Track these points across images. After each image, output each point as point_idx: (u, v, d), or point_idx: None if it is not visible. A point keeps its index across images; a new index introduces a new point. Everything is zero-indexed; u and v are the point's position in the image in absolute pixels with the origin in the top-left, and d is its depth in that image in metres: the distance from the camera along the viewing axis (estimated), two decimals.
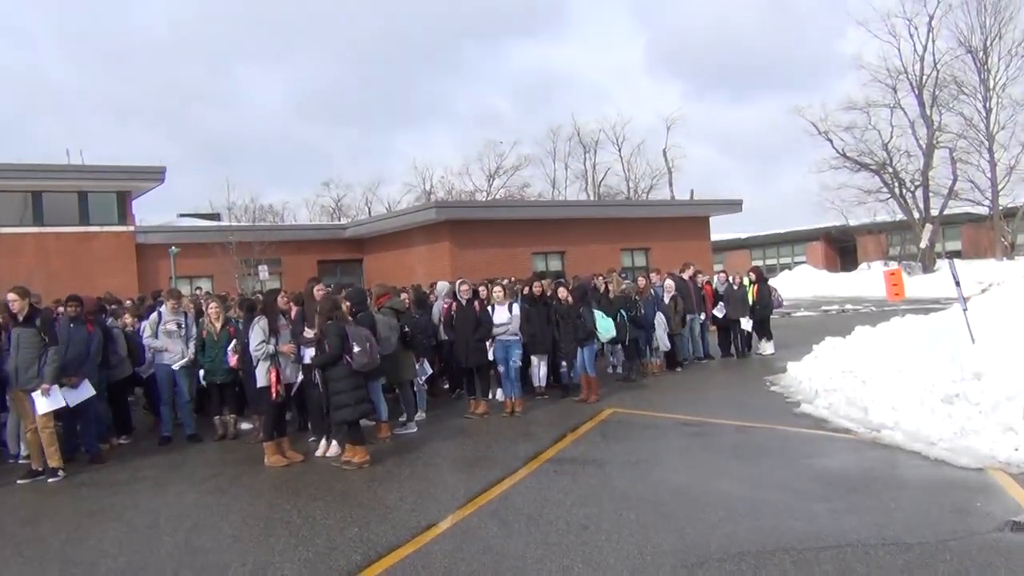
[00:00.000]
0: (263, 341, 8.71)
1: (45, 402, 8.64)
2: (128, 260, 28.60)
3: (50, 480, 8.61)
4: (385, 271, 29.14)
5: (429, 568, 5.38)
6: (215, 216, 40.22)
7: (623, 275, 16.26)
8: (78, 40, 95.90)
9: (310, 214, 65.30)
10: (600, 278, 14.54)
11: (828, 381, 10.45)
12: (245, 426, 10.78)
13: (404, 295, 11.61)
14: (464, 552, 5.63)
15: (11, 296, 8.86)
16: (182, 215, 38.98)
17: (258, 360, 8.77)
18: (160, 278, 28.65)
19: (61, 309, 10.26)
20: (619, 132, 63.76)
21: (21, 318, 8.72)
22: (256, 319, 8.83)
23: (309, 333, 9.05)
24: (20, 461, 9.42)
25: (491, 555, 5.55)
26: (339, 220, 54.66)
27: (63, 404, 8.87)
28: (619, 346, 13.76)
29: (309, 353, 9.03)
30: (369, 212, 61.79)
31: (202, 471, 8.79)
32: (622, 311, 12.86)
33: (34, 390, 8.61)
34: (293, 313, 9.69)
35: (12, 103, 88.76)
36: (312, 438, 9.71)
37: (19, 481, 8.66)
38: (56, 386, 8.74)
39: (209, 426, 10.80)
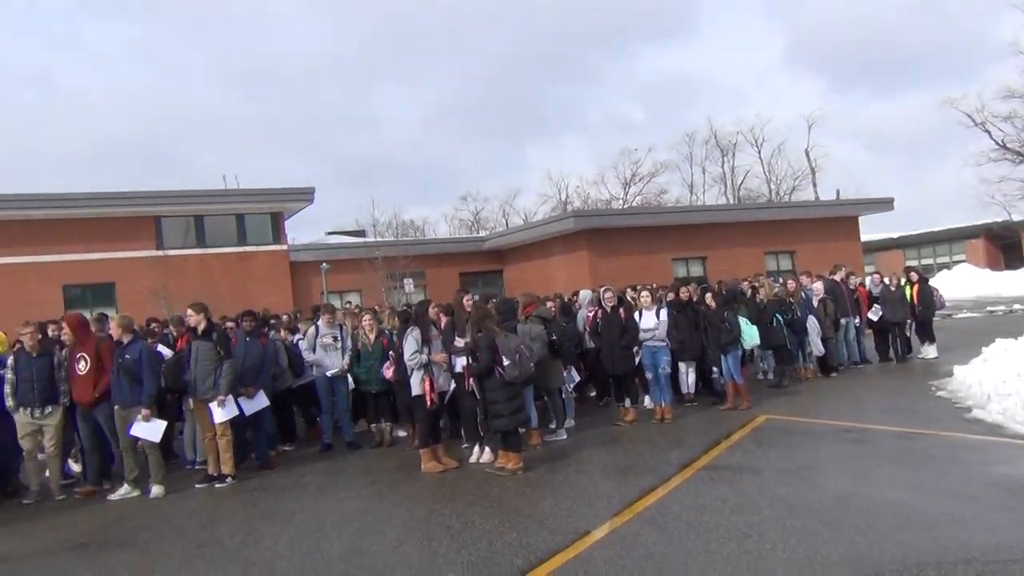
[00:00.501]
0: (416, 351, 8.96)
1: (221, 412, 9.20)
2: (283, 277, 30.04)
3: (217, 485, 9.17)
4: (525, 281, 29.45)
5: (591, 574, 5.38)
6: (360, 233, 41.75)
7: (772, 279, 15.83)
8: (227, 69, 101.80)
9: (449, 228, 67.00)
10: (747, 282, 14.19)
11: (1001, 385, 9.81)
12: (400, 434, 11.11)
13: (550, 304, 11.68)
14: (625, 559, 5.59)
15: (189, 312, 9.54)
16: (330, 232, 40.64)
17: (412, 370, 9.04)
18: (312, 293, 29.99)
19: (230, 324, 10.90)
20: (758, 133, 62.48)
21: (200, 332, 9.32)
22: (409, 330, 9.10)
23: (460, 342, 9.25)
24: (196, 467, 10.07)
25: (653, 562, 5.49)
26: (477, 233, 55.72)
27: (238, 413, 9.41)
28: (769, 352, 13.39)
29: (460, 362, 9.22)
30: (506, 224, 62.69)
31: (362, 477, 9.11)
32: (777, 315, 12.52)
33: (211, 401, 9.18)
34: (443, 323, 9.91)
35: (171, 133, 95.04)
36: (465, 445, 9.90)
37: (197, 485, 9.23)
38: (231, 396, 9.28)
39: (366, 434, 11.19)
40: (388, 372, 10.37)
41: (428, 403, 8.94)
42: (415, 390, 9.02)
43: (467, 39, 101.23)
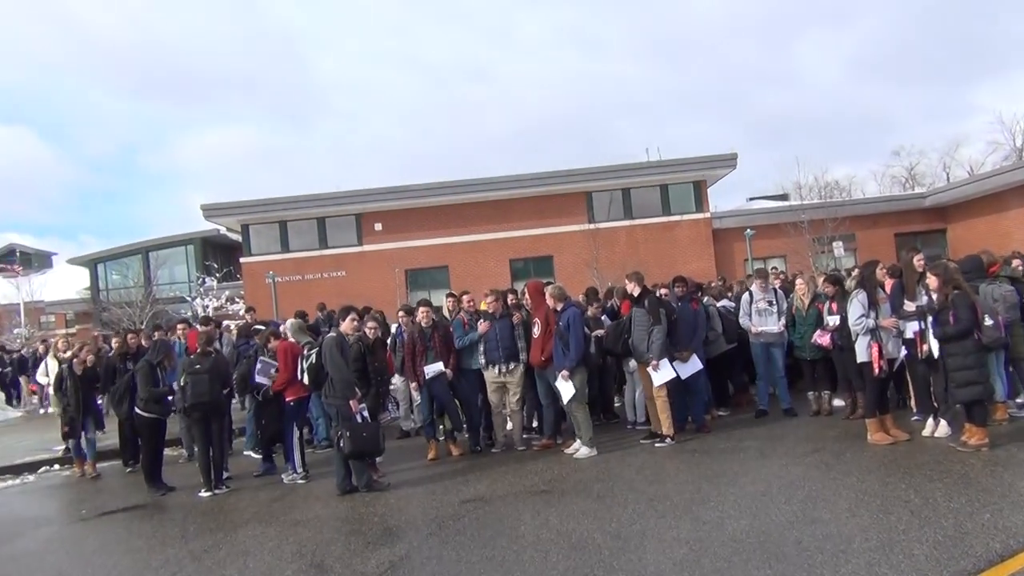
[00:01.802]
0: (863, 315, 8.46)
1: (657, 376, 9.56)
2: (706, 245, 30.28)
3: (657, 444, 9.54)
4: (973, 240, 26.36)
5: None
6: (783, 197, 40.46)
7: None
8: (643, 40, 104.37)
9: (879, 186, 61.97)
10: None
11: None
12: (838, 403, 10.61)
13: (1016, 263, 10.30)
14: None
15: (626, 280, 10.04)
16: (751, 198, 39.99)
17: (857, 335, 8.56)
18: (735, 260, 29.84)
19: (663, 291, 11.22)
20: None
21: (635, 296, 9.78)
22: (854, 293, 8.62)
23: (910, 306, 8.56)
24: (637, 427, 10.57)
25: None
26: (912, 190, 51.00)
27: (673, 376, 9.71)
28: None
29: (912, 327, 8.53)
30: (947, 178, 56.49)
31: (803, 445, 8.86)
32: None
33: (647, 365, 9.59)
34: (889, 286, 9.23)
35: (595, 108, 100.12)
36: (915, 416, 9.18)
37: (641, 440, 9.72)
38: (666, 360, 9.59)
39: (802, 401, 10.87)
40: (823, 339, 9.94)
41: (876, 370, 8.40)
42: (861, 356, 8.54)
43: None
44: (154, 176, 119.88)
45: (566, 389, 9.42)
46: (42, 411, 20.05)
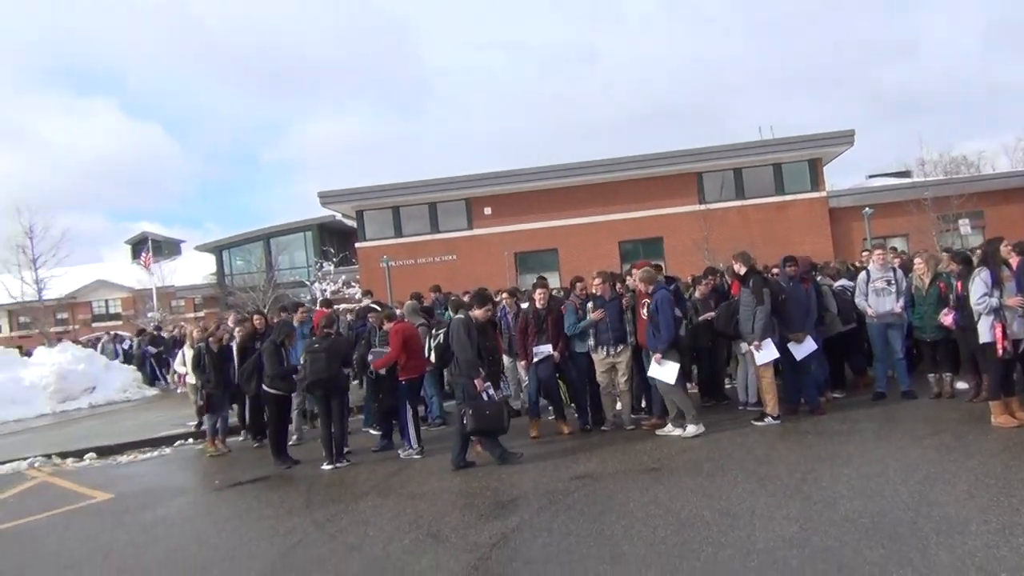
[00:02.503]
0: (985, 294, 8.15)
1: (759, 355, 9.57)
2: (822, 224, 29.47)
3: (757, 424, 9.59)
4: None
5: None
6: (906, 174, 38.92)
7: None
8: (748, 16, 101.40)
9: (1011, 161, 58.65)
10: None
11: None
12: (961, 386, 10.24)
13: None
14: None
15: (733, 261, 10.01)
16: (871, 176, 38.61)
17: (980, 314, 8.26)
18: (853, 240, 28.92)
19: (775, 271, 11.09)
20: None
21: (742, 276, 9.76)
22: (977, 271, 8.32)
23: None
24: (748, 408, 10.49)
25: None
26: None
27: (776, 356, 9.66)
28: None
29: None
30: None
31: (922, 427, 8.63)
32: None
33: (750, 343, 9.64)
34: (1015, 264, 8.85)
35: (707, 89, 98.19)
36: None
37: (752, 421, 9.69)
38: (769, 340, 9.57)
39: (922, 384, 10.55)
40: (947, 319, 9.62)
41: (1000, 351, 8.10)
42: (984, 337, 8.23)
43: None
44: (271, 166, 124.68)
45: (660, 372, 9.49)
46: (178, 390, 21.29)
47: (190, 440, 12.81)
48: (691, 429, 9.36)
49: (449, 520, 6.89)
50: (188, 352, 12.42)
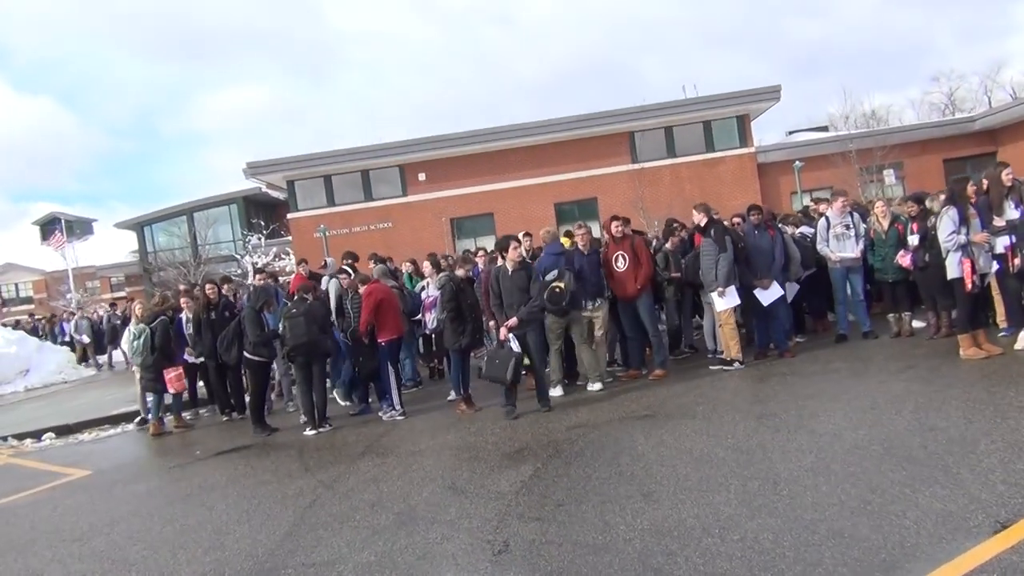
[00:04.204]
0: (953, 232, 8.52)
1: (721, 302, 9.90)
2: (751, 180, 30.15)
3: (726, 369, 9.94)
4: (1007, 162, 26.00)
5: None
6: (823, 129, 40.02)
7: None
8: None
9: (917, 114, 60.86)
10: None
11: None
12: (919, 324, 10.70)
13: None
14: None
15: (694, 211, 10.26)
16: (791, 132, 39.52)
17: (948, 251, 8.62)
18: (781, 193, 29.69)
19: (737, 220, 11.32)
20: None
21: (702, 226, 10.04)
22: (945, 209, 8.67)
23: (1000, 221, 8.60)
24: (717, 355, 10.75)
25: None
26: (952, 115, 50.11)
27: (737, 303, 10.08)
28: None
29: (1002, 242, 8.58)
30: (989, 102, 55.40)
31: (894, 363, 8.99)
32: None
33: (712, 291, 9.90)
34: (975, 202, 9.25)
35: (624, 49, 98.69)
36: (1002, 332, 9.25)
37: (711, 368, 10.16)
38: (732, 287, 9.89)
39: (881, 324, 10.96)
40: (905, 260, 10.01)
41: (968, 286, 8.48)
42: (952, 272, 8.61)
43: None
44: (175, 139, 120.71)
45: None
46: (133, 369, 20.63)
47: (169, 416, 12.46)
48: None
49: (462, 473, 6.91)
50: (135, 329, 11.94)
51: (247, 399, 10.83)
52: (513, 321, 8.99)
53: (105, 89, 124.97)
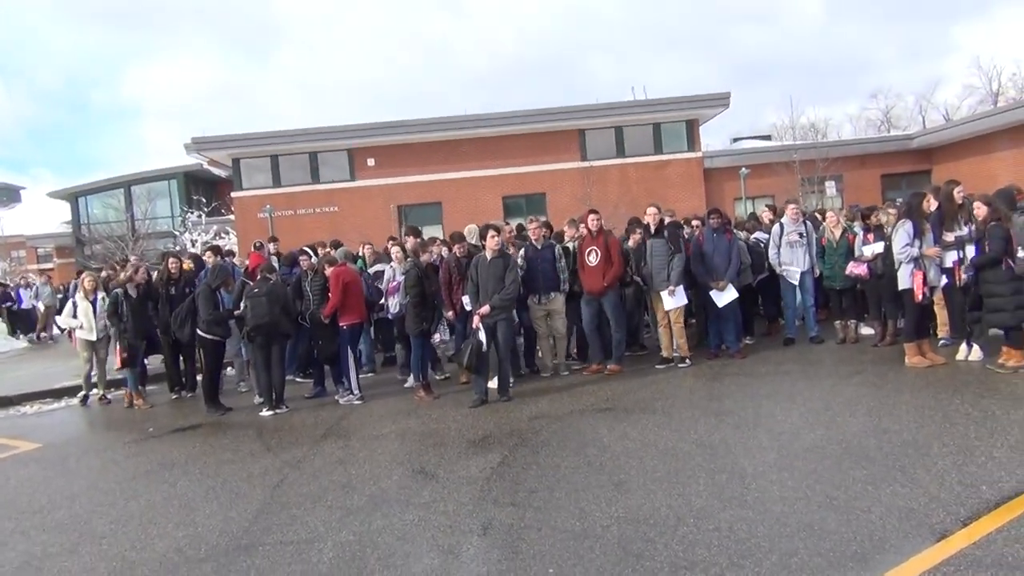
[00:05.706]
0: (907, 244, 8.87)
1: (671, 300, 10.24)
2: (697, 183, 30.63)
3: (680, 366, 10.23)
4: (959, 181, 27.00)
5: None
6: (767, 137, 40.91)
7: None
8: None
9: (855, 129, 62.51)
10: None
11: None
12: (866, 331, 11.10)
13: None
14: None
15: (650, 210, 10.47)
16: (736, 139, 40.33)
17: (900, 263, 8.98)
18: (725, 198, 30.22)
19: (696, 223, 11.59)
20: None
21: (653, 230, 10.24)
22: (900, 222, 9.02)
23: (949, 236, 8.99)
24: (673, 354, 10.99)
25: None
26: (888, 132, 51.72)
27: (686, 303, 10.46)
28: None
29: (950, 256, 8.98)
30: (923, 121, 57.27)
31: (843, 368, 9.34)
32: None
33: (663, 290, 10.21)
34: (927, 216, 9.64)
35: (573, 46, 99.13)
36: (942, 342, 9.67)
37: (656, 367, 10.38)
38: (681, 287, 10.24)
39: (828, 329, 11.34)
40: (859, 269, 10.37)
41: (918, 297, 8.85)
42: (904, 283, 8.96)
43: None
44: (109, 110, 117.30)
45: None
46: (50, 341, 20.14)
47: (95, 391, 12.18)
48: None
49: (429, 458, 6.97)
50: (81, 303, 11.57)
51: (199, 378, 10.70)
52: (485, 308, 9.09)
53: (31, 53, 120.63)
